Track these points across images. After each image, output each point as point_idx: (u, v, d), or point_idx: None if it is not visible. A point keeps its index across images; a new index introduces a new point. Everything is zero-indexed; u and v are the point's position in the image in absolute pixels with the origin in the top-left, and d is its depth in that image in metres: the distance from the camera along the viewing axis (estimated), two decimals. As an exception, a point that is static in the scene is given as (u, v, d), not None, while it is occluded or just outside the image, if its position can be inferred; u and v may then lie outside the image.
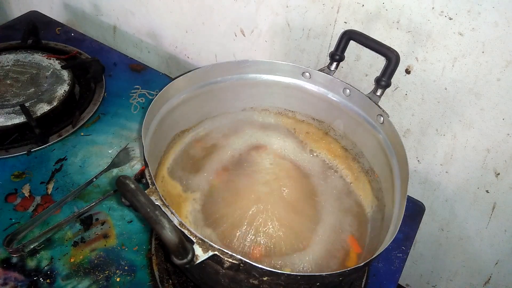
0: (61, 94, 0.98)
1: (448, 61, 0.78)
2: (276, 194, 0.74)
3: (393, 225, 0.61)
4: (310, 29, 0.92)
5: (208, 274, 0.55)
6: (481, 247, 0.99)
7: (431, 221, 1.02)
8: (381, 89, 0.74)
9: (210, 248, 0.49)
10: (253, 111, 0.88)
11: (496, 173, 0.86)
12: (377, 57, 0.84)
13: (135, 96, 1.05)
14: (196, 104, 0.79)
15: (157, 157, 0.75)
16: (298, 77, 0.81)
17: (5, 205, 0.80)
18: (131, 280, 0.72)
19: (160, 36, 1.23)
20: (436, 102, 0.84)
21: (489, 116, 0.80)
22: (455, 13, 0.73)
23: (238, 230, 0.68)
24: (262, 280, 0.51)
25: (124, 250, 0.76)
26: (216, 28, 1.08)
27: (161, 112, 0.71)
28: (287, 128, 0.87)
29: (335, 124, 0.84)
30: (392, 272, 0.78)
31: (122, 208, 0.81)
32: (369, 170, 0.79)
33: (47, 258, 0.73)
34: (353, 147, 0.82)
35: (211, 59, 1.16)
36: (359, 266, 0.52)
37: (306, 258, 0.66)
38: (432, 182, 0.96)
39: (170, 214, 0.51)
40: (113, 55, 1.17)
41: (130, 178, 0.48)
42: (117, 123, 0.98)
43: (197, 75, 0.76)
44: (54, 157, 0.89)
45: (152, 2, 1.16)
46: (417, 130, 0.91)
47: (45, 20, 1.27)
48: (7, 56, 1.06)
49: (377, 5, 0.80)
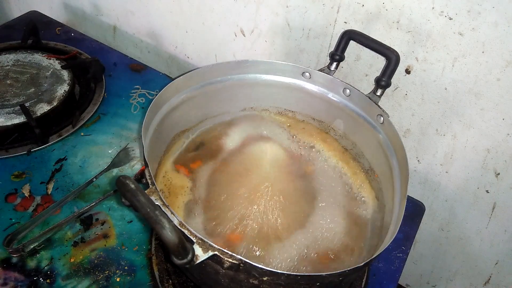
0: (61, 94, 0.98)
1: (448, 61, 0.78)
2: (274, 193, 0.74)
3: (393, 225, 0.61)
4: (310, 29, 0.92)
5: (208, 274, 0.55)
6: (481, 247, 0.99)
7: (431, 221, 1.02)
8: (381, 89, 0.74)
9: (210, 248, 0.49)
10: (253, 111, 0.88)
11: (496, 173, 0.86)
12: (377, 57, 0.84)
13: (135, 96, 1.05)
14: (196, 104, 0.79)
15: (157, 157, 0.75)
16: (298, 77, 0.81)
17: (5, 205, 0.80)
18: (131, 280, 0.72)
19: (160, 36, 1.23)
20: (436, 102, 0.84)
21: (489, 116, 0.80)
22: (455, 13, 0.73)
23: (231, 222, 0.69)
24: (262, 280, 0.51)
25: (124, 250, 0.76)
26: (216, 28, 1.08)
27: (161, 112, 0.71)
28: (287, 128, 0.87)
29: (335, 124, 0.84)
30: (392, 272, 0.78)
31: (122, 208, 0.81)
32: (369, 170, 0.79)
33: (47, 258, 0.73)
34: (353, 147, 0.82)
35: (211, 59, 1.16)
36: (359, 266, 0.52)
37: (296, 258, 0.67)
38: (432, 182, 0.96)
39: (170, 214, 0.51)
40: (113, 55, 1.17)
41: (130, 178, 0.48)
42: (117, 123, 0.98)
43: (197, 75, 0.76)
44: (54, 157, 0.89)
45: (152, 2, 1.16)
46: (417, 130, 0.91)
47: (45, 20, 1.27)
48: (7, 56, 1.06)
49: (377, 5, 0.80)
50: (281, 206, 0.73)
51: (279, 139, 0.86)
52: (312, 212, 0.74)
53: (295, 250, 0.68)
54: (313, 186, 0.79)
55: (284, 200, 0.74)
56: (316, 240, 0.69)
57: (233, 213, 0.70)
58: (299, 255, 0.67)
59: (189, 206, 0.72)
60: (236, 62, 0.79)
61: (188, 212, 0.71)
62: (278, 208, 0.72)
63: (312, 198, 0.76)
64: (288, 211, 0.73)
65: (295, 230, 0.70)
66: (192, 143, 0.82)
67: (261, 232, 0.69)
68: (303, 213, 0.73)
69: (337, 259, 0.68)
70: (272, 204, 0.73)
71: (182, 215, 0.71)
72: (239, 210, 0.71)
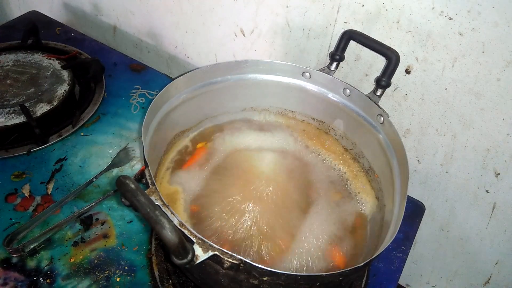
0: (61, 94, 0.98)
1: (448, 61, 0.78)
2: (273, 193, 0.74)
3: (393, 225, 0.61)
4: (310, 29, 0.92)
5: (208, 274, 0.55)
6: (481, 247, 0.99)
7: (431, 221, 1.02)
8: (381, 89, 0.74)
9: (210, 248, 0.49)
10: (253, 111, 0.88)
11: (496, 173, 0.86)
12: (377, 57, 0.84)
13: (135, 96, 1.05)
14: (196, 104, 0.79)
15: (157, 157, 0.75)
16: (298, 77, 0.81)
17: (5, 205, 0.80)
18: (131, 280, 0.72)
19: (160, 36, 1.23)
20: (436, 102, 0.84)
21: (489, 116, 0.80)
22: (455, 13, 0.73)
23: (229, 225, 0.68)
24: (262, 280, 0.51)
25: (124, 250, 0.76)
26: (216, 28, 1.08)
27: (161, 112, 0.71)
28: (287, 128, 0.88)
29: (335, 124, 0.84)
30: (392, 272, 0.78)
31: (122, 208, 0.81)
32: (369, 170, 0.79)
33: (47, 258, 0.73)
34: (353, 147, 0.82)
35: (211, 59, 1.16)
36: (359, 266, 0.52)
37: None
38: (432, 182, 0.96)
39: (170, 214, 0.51)
40: (113, 55, 1.17)
41: (130, 178, 0.48)
42: (117, 123, 0.98)
43: (197, 75, 0.76)
44: (54, 157, 0.89)
45: (152, 2, 1.16)
46: (417, 130, 0.91)
47: (45, 20, 1.27)
48: (7, 56, 1.06)
49: (377, 5, 0.80)
50: (278, 207, 0.73)
51: (278, 139, 0.86)
52: (312, 212, 0.74)
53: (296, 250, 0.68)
54: (311, 186, 0.79)
55: (282, 201, 0.74)
56: (316, 240, 0.69)
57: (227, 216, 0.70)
58: (299, 254, 0.67)
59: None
60: (236, 62, 0.79)
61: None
62: (275, 210, 0.72)
63: (312, 198, 0.76)
64: (287, 211, 0.73)
65: (295, 230, 0.70)
66: (190, 148, 0.82)
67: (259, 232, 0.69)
68: (303, 213, 0.73)
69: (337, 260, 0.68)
70: (269, 206, 0.72)
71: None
72: (234, 213, 0.70)
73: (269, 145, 0.84)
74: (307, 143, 0.85)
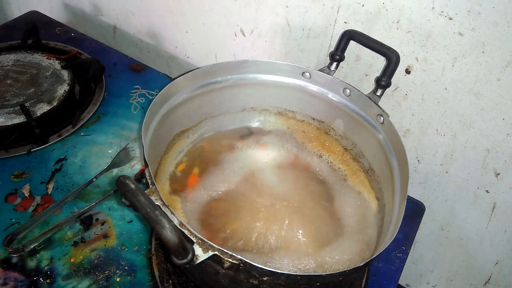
0: (61, 94, 0.98)
1: (448, 61, 0.78)
2: (273, 193, 0.74)
3: (393, 225, 0.61)
4: (310, 29, 0.92)
5: (208, 274, 0.55)
6: (481, 247, 0.99)
7: (431, 221, 1.02)
8: (381, 89, 0.74)
9: (210, 248, 0.49)
10: (253, 111, 0.88)
11: (496, 173, 0.86)
12: (377, 57, 0.84)
13: (135, 96, 1.05)
14: (196, 104, 0.79)
15: (157, 157, 0.75)
16: (298, 77, 0.81)
17: (5, 205, 0.80)
18: (131, 280, 0.72)
19: (160, 36, 1.23)
20: (436, 102, 0.84)
21: (489, 116, 0.80)
22: (455, 13, 0.73)
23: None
24: (262, 280, 0.51)
25: (124, 250, 0.76)
26: (216, 28, 1.08)
27: (161, 112, 0.71)
28: (287, 128, 0.88)
29: (335, 124, 0.84)
30: (392, 272, 0.78)
31: (122, 208, 0.81)
32: (369, 170, 0.79)
33: (47, 258, 0.73)
34: (353, 147, 0.82)
35: (211, 59, 1.16)
36: (359, 266, 0.52)
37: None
38: (432, 182, 0.96)
39: (170, 214, 0.51)
40: (113, 55, 1.17)
41: (130, 178, 0.48)
42: (117, 123, 0.98)
43: (197, 75, 0.76)
44: (54, 157, 0.89)
45: (152, 2, 1.16)
46: (417, 130, 0.91)
47: (45, 20, 1.27)
48: (7, 56, 1.06)
49: (377, 5, 0.80)
50: (282, 209, 0.73)
51: (277, 143, 0.86)
52: (312, 212, 0.74)
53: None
54: (311, 186, 0.79)
55: (287, 203, 0.74)
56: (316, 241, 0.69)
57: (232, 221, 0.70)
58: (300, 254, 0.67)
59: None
60: (236, 62, 0.79)
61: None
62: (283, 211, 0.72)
63: (312, 198, 0.76)
64: (289, 212, 0.73)
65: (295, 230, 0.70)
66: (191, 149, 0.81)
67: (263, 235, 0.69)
68: (302, 213, 0.73)
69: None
70: (274, 208, 0.72)
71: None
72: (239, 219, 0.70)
73: (268, 145, 0.85)
74: (306, 143, 0.85)
